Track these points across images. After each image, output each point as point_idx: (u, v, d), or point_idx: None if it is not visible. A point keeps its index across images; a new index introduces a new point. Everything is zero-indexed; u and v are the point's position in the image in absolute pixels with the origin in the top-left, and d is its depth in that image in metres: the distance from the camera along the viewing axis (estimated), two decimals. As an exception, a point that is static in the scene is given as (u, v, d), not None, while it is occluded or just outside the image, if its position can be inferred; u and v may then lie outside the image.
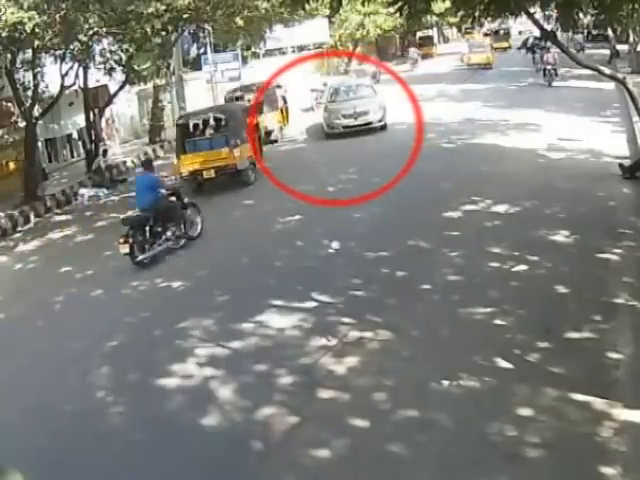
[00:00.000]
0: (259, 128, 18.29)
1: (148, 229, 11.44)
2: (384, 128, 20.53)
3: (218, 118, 17.07)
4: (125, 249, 10.96)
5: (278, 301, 8.76)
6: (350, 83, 24.69)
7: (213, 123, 17.18)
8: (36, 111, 17.92)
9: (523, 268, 8.83)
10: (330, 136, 20.73)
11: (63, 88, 18.35)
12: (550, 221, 10.51)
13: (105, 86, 21.55)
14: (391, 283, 8.96)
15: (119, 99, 22.96)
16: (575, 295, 7.83)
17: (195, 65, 28.91)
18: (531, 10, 11.88)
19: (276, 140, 21.77)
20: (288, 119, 24.19)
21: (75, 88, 19.80)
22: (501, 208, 11.51)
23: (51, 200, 17.81)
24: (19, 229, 16.12)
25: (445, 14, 43.55)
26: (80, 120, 21.92)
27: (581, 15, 10.76)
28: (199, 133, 17.04)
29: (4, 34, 13.82)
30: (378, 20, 39.01)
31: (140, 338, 8.42)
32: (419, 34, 51.70)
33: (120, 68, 19.38)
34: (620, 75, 15.06)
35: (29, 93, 17.48)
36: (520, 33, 51.35)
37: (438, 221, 11.25)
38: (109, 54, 19.12)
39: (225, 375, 7.05)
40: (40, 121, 18.69)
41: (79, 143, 22.89)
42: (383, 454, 5.39)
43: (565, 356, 6.46)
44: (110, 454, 6.01)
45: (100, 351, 8.17)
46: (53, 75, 18.24)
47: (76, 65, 18.74)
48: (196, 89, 27.26)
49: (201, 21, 21.84)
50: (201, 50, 29.54)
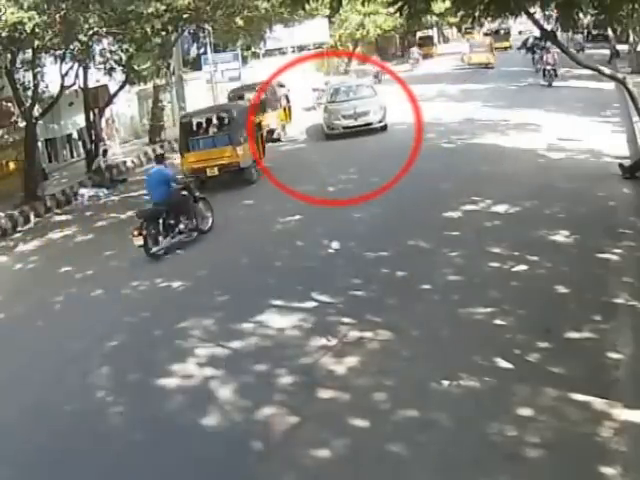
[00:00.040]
0: (261, 127, 18.37)
1: (161, 222, 11.70)
2: (384, 129, 20.45)
3: (221, 117, 17.18)
4: (139, 241, 11.21)
5: (278, 301, 8.77)
6: (350, 83, 24.59)
7: (216, 122, 17.26)
8: (36, 111, 17.90)
9: (523, 268, 8.84)
10: (330, 137, 20.67)
11: (63, 88, 18.34)
12: (550, 221, 10.52)
13: (105, 86, 21.54)
14: (391, 283, 8.96)
15: (119, 99, 22.94)
16: (575, 295, 7.83)
17: (195, 65, 28.89)
18: (531, 10, 11.89)
19: (279, 138, 21.85)
20: (291, 118, 24.38)
21: (75, 88, 19.79)
22: (501, 208, 11.52)
23: (51, 200, 17.79)
24: (19, 229, 16.11)
25: (445, 14, 43.57)
26: (80, 120, 21.91)
27: (581, 15, 10.76)
28: (202, 132, 17.11)
29: (4, 34, 13.81)
30: (378, 20, 38.98)
31: (140, 338, 8.42)
32: (419, 34, 51.65)
33: (120, 68, 19.37)
34: (620, 75, 15.06)
35: (29, 93, 17.46)
36: (520, 33, 51.34)
37: (438, 221, 11.25)
38: (109, 54, 19.11)
39: (225, 375, 7.05)
40: (40, 121, 18.67)
41: (79, 143, 22.87)
42: (383, 454, 5.39)
43: (565, 356, 6.47)
44: (110, 454, 6.01)
45: (100, 351, 8.17)
46: (53, 75, 18.22)
47: (76, 65, 18.73)
48: (196, 89, 27.25)
49: (201, 21, 21.82)
50: (201, 50, 29.52)
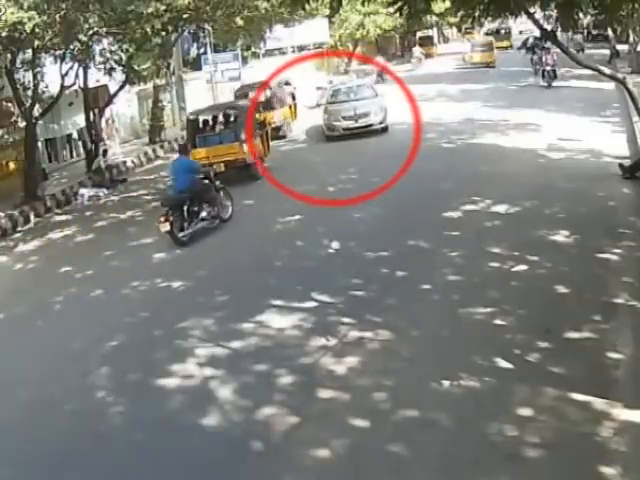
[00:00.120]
0: (266, 124, 18.78)
1: (185, 209, 12.10)
2: (385, 130, 20.30)
3: (228, 114, 17.57)
4: (166, 227, 11.65)
5: (278, 301, 8.76)
6: (351, 84, 24.39)
7: (223, 119, 17.65)
8: (36, 111, 17.88)
9: (523, 268, 8.84)
10: (330, 138, 20.56)
11: (63, 88, 18.33)
12: (550, 221, 10.52)
13: (105, 86, 21.53)
14: (391, 283, 8.96)
15: (119, 99, 22.92)
16: (575, 295, 7.83)
17: (195, 65, 28.86)
18: (531, 10, 11.89)
19: (284, 135, 22.26)
20: (296, 115, 24.85)
21: (75, 88, 19.77)
22: (501, 208, 11.52)
23: (51, 200, 17.78)
24: (19, 229, 16.09)
25: (445, 14, 43.55)
26: (80, 120, 21.89)
27: (581, 15, 10.77)
28: (209, 129, 17.47)
29: (4, 34, 13.79)
30: (378, 20, 38.97)
31: (140, 338, 8.41)
32: (419, 34, 51.65)
33: (120, 68, 19.36)
34: (620, 75, 15.08)
35: (29, 93, 17.45)
36: (521, 33, 51.30)
37: (438, 221, 11.26)
38: (109, 54, 19.10)
39: (225, 375, 7.04)
40: (40, 121, 18.65)
41: (79, 143, 22.85)
42: (383, 454, 5.39)
43: (565, 356, 6.47)
44: (110, 454, 6.01)
45: (100, 351, 8.16)
46: (53, 75, 18.21)
47: (76, 65, 18.71)
48: (196, 89, 27.24)
49: (201, 21, 21.81)
50: (201, 50, 29.48)
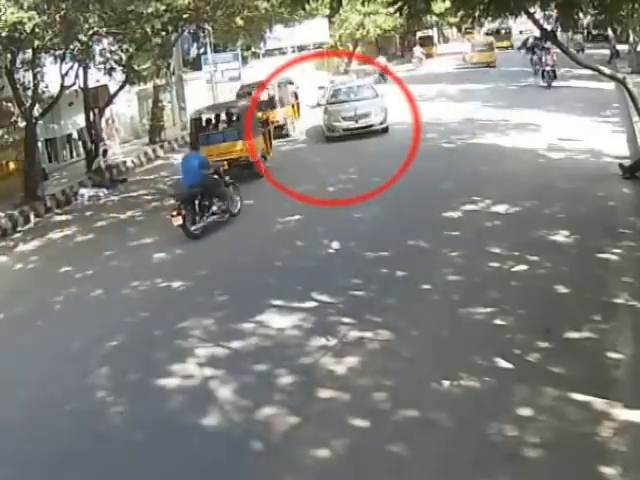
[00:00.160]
0: (268, 123, 19.07)
1: (197, 203, 12.39)
2: (386, 131, 20.13)
3: (231, 113, 17.73)
4: (178, 221, 11.91)
5: (278, 301, 8.77)
6: (351, 84, 24.24)
7: (226, 118, 17.83)
8: (36, 111, 17.87)
9: (523, 268, 8.84)
10: (330, 139, 20.43)
11: (63, 88, 18.32)
12: (550, 221, 10.52)
13: (105, 86, 21.51)
14: (391, 283, 8.96)
15: (119, 99, 22.91)
16: (575, 295, 7.83)
17: (195, 65, 28.85)
18: (531, 10, 11.88)
19: (287, 134, 22.41)
20: (299, 114, 24.97)
21: (75, 88, 19.76)
22: (501, 208, 11.52)
23: (51, 200, 17.77)
24: (19, 229, 16.08)
25: (445, 14, 43.51)
26: (80, 120, 21.88)
27: (581, 15, 10.77)
28: (213, 127, 17.65)
29: (4, 34, 13.78)
30: (378, 20, 38.93)
31: (140, 338, 8.41)
32: (419, 34, 51.64)
33: (120, 68, 19.35)
34: (620, 75, 15.08)
35: (29, 93, 17.43)
36: (521, 33, 51.25)
37: (438, 221, 11.26)
38: (109, 54, 19.09)
39: (225, 375, 7.04)
40: (40, 121, 18.64)
41: (79, 143, 22.84)
42: (383, 454, 5.39)
43: (565, 356, 6.47)
44: (110, 454, 6.01)
45: (100, 351, 8.16)
46: (53, 75, 18.20)
47: (76, 65, 18.70)
48: (196, 89, 27.24)
49: (201, 21, 21.80)
50: (201, 50, 29.47)
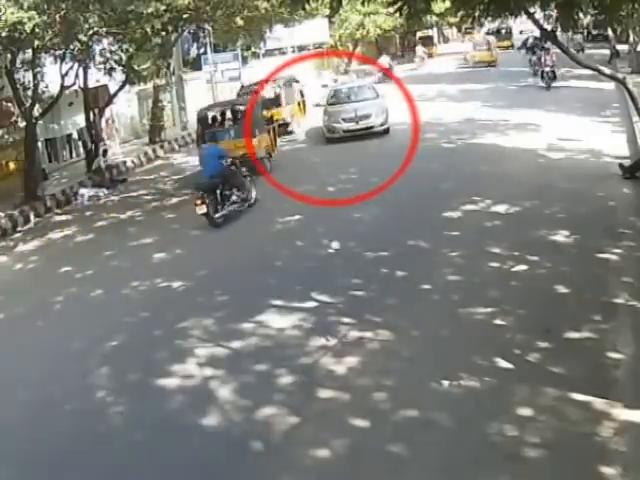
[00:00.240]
0: (273, 121, 19.54)
1: (219, 193, 12.83)
2: (387, 132, 19.87)
3: (236, 110, 17.89)
4: (203, 209, 12.35)
5: (278, 301, 8.77)
6: (351, 84, 24.06)
7: (231, 115, 18.05)
8: (36, 111, 17.87)
9: (523, 268, 8.84)
10: (330, 140, 20.22)
11: (63, 88, 18.32)
12: (550, 221, 10.52)
13: (105, 86, 21.52)
14: (391, 283, 8.96)
15: (119, 99, 22.91)
16: (575, 295, 7.83)
17: (195, 65, 28.85)
18: (531, 10, 11.88)
19: (292, 131, 22.73)
20: (305, 111, 25.23)
21: (75, 88, 19.75)
22: (501, 208, 11.52)
23: (51, 200, 17.77)
24: (19, 229, 16.08)
25: (445, 14, 43.48)
26: (80, 120, 21.88)
27: (581, 15, 10.76)
28: (218, 124, 17.89)
29: (4, 34, 13.78)
30: (378, 20, 38.91)
31: (140, 338, 8.41)
32: (419, 34, 51.63)
33: (120, 68, 19.35)
34: (620, 75, 15.08)
35: (29, 93, 17.44)
36: (521, 32, 51.23)
37: (438, 221, 11.26)
38: (109, 54, 19.09)
39: (225, 375, 7.04)
40: (40, 121, 18.64)
41: (79, 143, 22.84)
42: (383, 454, 5.39)
43: (565, 356, 6.47)
44: (110, 454, 6.01)
45: (100, 351, 8.16)
46: (53, 75, 18.20)
47: (76, 65, 18.71)
48: (196, 89, 27.25)
49: (201, 21, 21.79)
50: (201, 50, 29.47)
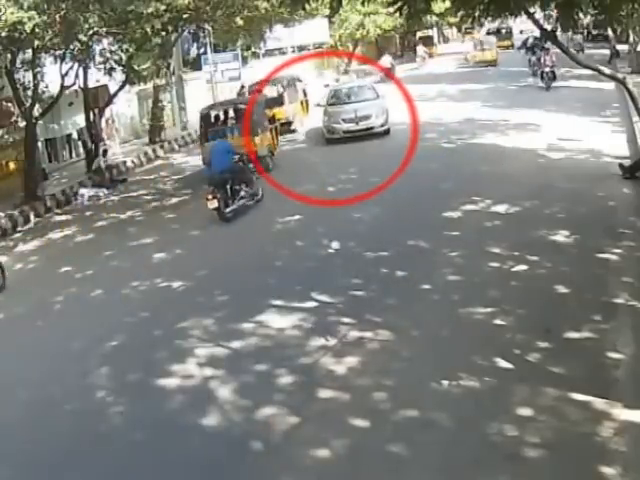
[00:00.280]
0: (275, 120, 19.93)
1: (229, 188, 13.10)
2: (387, 133, 19.69)
3: (239, 109, 18.06)
4: (214, 204, 12.61)
5: (278, 301, 8.77)
6: (351, 84, 23.94)
7: (234, 114, 18.23)
8: (36, 111, 17.85)
9: (523, 268, 8.84)
10: (330, 141, 20.04)
11: (63, 88, 18.31)
12: (550, 221, 10.52)
13: (105, 86, 21.50)
14: (391, 283, 8.97)
15: (119, 99, 22.89)
16: (575, 295, 7.83)
17: (195, 65, 28.83)
18: (531, 10, 11.88)
19: (295, 130, 22.89)
20: (308, 110, 25.32)
21: (75, 88, 19.73)
22: (501, 208, 11.52)
23: (51, 200, 17.76)
24: (19, 229, 16.06)
25: (445, 14, 43.45)
26: (80, 120, 21.86)
27: (581, 15, 10.76)
28: (221, 123, 18.14)
29: (4, 34, 13.76)
30: (378, 20, 38.87)
31: (140, 338, 8.42)
32: (419, 34, 51.62)
33: (120, 68, 19.34)
34: (620, 75, 15.09)
35: (29, 93, 17.43)
36: (521, 32, 51.22)
37: (438, 221, 11.26)
38: (109, 54, 19.08)
39: (225, 375, 7.05)
40: (40, 121, 18.63)
41: (79, 143, 22.83)
42: (383, 454, 5.39)
43: (565, 356, 6.47)
44: (110, 454, 6.01)
45: (100, 351, 8.16)
46: (53, 75, 18.19)
47: (76, 65, 18.69)
48: (196, 89, 27.22)
49: (201, 21, 21.77)
50: (201, 50, 29.44)
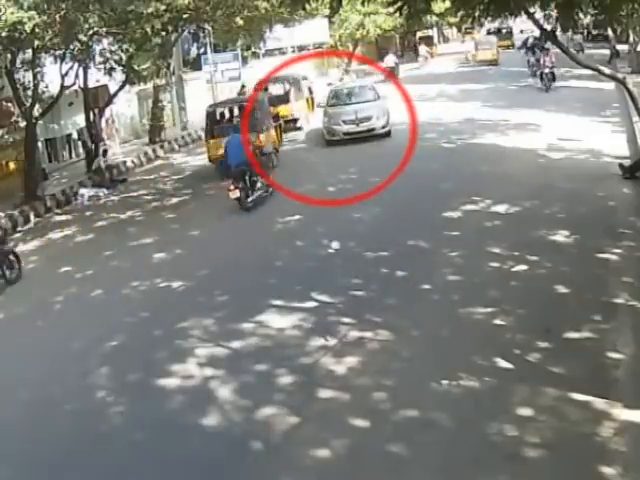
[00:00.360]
0: (279, 117, 20.32)
1: (247, 179, 13.58)
2: (388, 135, 19.40)
3: (244, 107, 18.11)
4: (236, 194, 13.18)
5: (278, 301, 8.77)
6: (352, 85, 23.79)
7: (239, 111, 18.42)
8: (36, 111, 17.85)
9: (523, 268, 8.84)
10: (330, 143, 19.70)
11: (63, 88, 18.31)
12: (550, 221, 10.52)
13: (105, 86, 21.51)
14: (391, 283, 8.97)
15: (119, 99, 22.89)
16: (575, 295, 7.83)
17: (195, 65, 28.84)
18: (531, 10, 11.89)
19: (301, 127, 22.98)
20: (313, 108, 25.55)
21: (75, 88, 19.73)
22: (501, 208, 11.52)
23: (51, 200, 17.75)
24: (19, 229, 16.05)
25: (445, 14, 43.45)
26: (80, 120, 21.86)
27: (581, 15, 10.77)
28: (226, 120, 18.39)
29: (4, 34, 13.76)
30: (378, 20, 38.86)
31: (140, 338, 8.42)
32: (419, 34, 51.61)
33: (120, 68, 19.35)
34: (620, 75, 15.08)
35: (29, 93, 17.43)
36: (522, 32, 51.25)
37: (438, 221, 11.26)
38: (109, 54, 19.08)
39: (225, 375, 7.05)
40: (40, 121, 18.63)
41: (79, 143, 22.84)
42: (383, 454, 5.39)
43: (565, 356, 6.47)
44: (110, 454, 6.01)
45: (100, 351, 8.16)
46: (53, 75, 18.19)
47: (76, 65, 18.70)
48: (196, 89, 27.24)
49: (201, 21, 21.78)
50: (201, 50, 29.45)
